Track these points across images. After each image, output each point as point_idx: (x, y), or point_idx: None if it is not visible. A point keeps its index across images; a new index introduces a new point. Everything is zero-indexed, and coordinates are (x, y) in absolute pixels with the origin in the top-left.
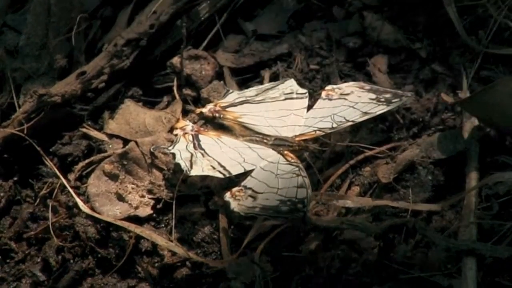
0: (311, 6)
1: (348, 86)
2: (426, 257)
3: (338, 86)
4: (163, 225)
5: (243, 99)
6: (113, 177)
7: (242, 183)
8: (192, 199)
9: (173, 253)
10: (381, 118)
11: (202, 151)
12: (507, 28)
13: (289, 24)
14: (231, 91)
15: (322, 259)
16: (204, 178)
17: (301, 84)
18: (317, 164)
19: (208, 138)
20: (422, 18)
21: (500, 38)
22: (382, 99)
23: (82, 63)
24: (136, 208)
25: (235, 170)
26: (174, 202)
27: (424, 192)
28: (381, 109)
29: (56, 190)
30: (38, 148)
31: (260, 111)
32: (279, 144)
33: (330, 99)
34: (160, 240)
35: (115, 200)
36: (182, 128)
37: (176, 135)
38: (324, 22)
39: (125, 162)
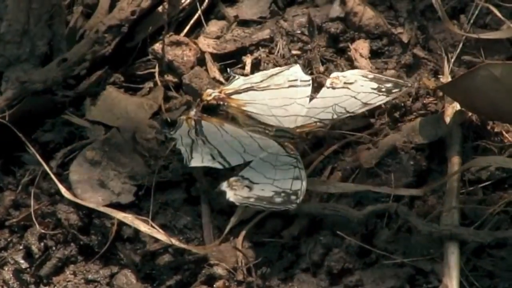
0: None
1: (353, 74)
2: (409, 242)
3: (343, 74)
4: (145, 212)
5: (248, 85)
6: (95, 163)
7: (240, 173)
8: (174, 185)
9: (155, 240)
10: None
11: (203, 138)
12: (489, 13)
13: (271, 10)
14: (237, 77)
15: (304, 245)
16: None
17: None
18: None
19: (211, 125)
20: (403, 2)
21: (482, 22)
22: (383, 89)
23: (64, 50)
24: (118, 194)
25: (235, 161)
26: (152, 188)
27: (406, 177)
28: (381, 99)
29: (38, 177)
30: (20, 135)
31: (264, 99)
32: (280, 135)
33: (333, 88)
34: (142, 226)
35: (97, 186)
36: (184, 113)
37: (179, 119)
38: (305, 7)
39: (107, 149)
